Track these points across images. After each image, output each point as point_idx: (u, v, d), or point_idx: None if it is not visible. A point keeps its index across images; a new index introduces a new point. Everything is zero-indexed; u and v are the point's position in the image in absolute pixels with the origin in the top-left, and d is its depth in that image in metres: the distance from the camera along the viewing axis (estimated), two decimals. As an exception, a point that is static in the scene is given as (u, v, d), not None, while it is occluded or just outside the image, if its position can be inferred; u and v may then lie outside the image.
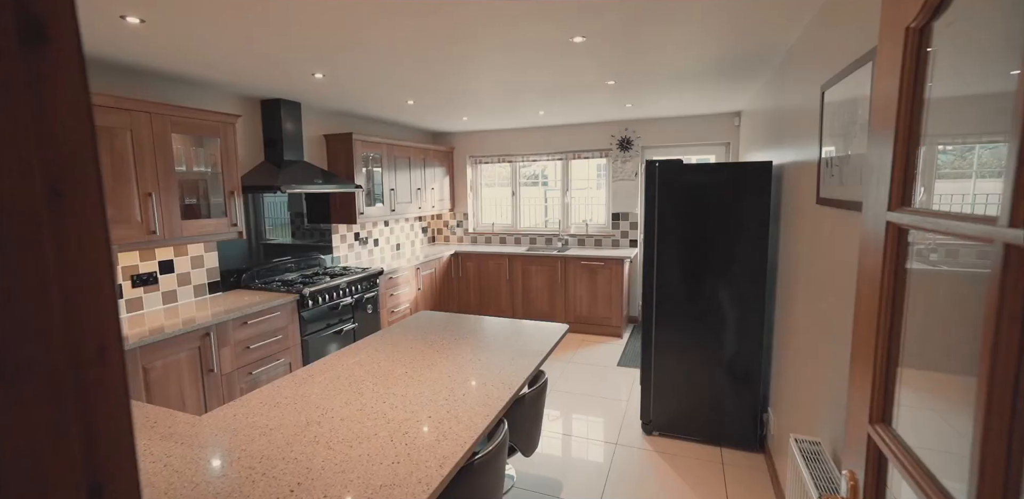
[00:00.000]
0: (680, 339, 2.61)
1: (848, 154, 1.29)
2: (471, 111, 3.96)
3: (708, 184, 2.45)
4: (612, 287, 4.40)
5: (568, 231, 5.15)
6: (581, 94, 3.31)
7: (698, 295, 2.54)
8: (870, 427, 0.70)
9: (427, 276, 4.47)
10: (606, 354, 4.03)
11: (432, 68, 2.55)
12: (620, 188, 4.83)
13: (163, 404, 2.23)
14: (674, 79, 2.91)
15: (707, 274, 2.51)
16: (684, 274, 2.56)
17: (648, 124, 4.64)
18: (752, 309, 2.43)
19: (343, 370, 1.71)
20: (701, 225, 2.49)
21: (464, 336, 2.09)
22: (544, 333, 2.12)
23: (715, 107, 4.00)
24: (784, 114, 2.27)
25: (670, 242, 2.57)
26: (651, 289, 2.65)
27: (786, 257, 2.16)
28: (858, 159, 1.22)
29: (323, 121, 3.87)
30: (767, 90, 2.83)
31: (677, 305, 2.60)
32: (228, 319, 2.53)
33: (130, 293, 2.58)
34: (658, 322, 2.64)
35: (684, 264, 2.55)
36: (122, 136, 2.25)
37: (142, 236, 2.35)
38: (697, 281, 2.54)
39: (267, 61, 2.36)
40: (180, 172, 2.62)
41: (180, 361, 2.30)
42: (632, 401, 3.14)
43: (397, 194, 4.36)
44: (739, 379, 2.49)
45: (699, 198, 2.48)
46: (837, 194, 1.39)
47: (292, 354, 2.95)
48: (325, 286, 3.18)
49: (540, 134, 5.05)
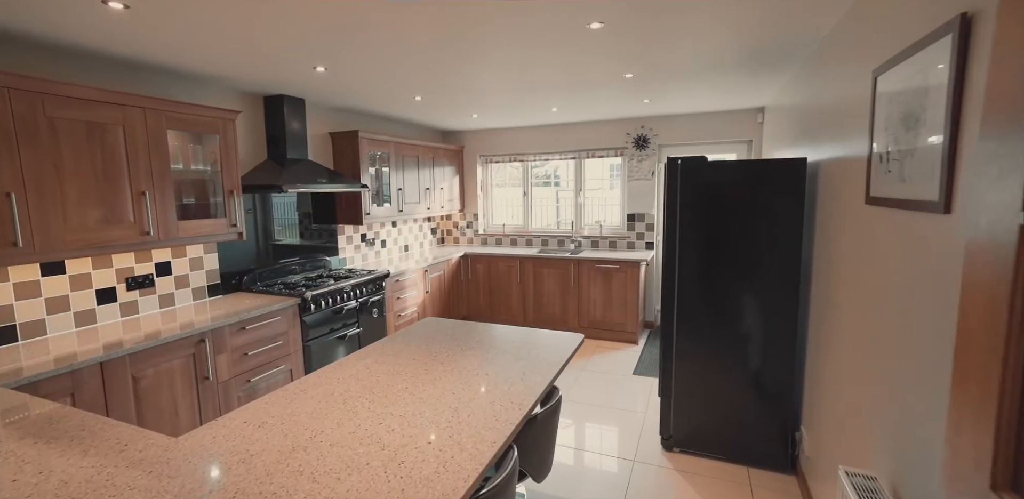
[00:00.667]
0: (702, 348, 2.43)
1: (914, 147, 1.11)
2: (481, 108, 3.82)
3: (734, 182, 2.27)
4: (627, 291, 4.22)
5: (581, 233, 4.98)
6: (597, 88, 3.15)
7: (722, 301, 2.36)
8: (994, 495, 0.53)
9: (435, 278, 4.33)
10: (621, 361, 3.85)
11: (439, 61, 2.41)
12: (636, 188, 4.65)
13: (155, 415, 2.11)
14: (696, 71, 2.73)
15: (733, 279, 2.33)
16: (707, 278, 2.38)
17: (666, 121, 4.46)
18: (782, 318, 2.24)
19: (338, 384, 1.57)
20: (726, 226, 2.31)
21: (471, 346, 1.94)
22: (558, 344, 1.96)
23: (737, 103, 3.81)
24: (821, 107, 2.08)
25: (692, 244, 2.39)
26: (671, 294, 2.47)
27: (823, 262, 1.97)
28: (930, 152, 1.04)
29: (329, 119, 3.76)
30: (796, 83, 2.64)
31: (699, 312, 2.42)
32: (225, 324, 2.41)
33: (125, 296, 2.47)
34: (679, 329, 2.47)
35: (707, 268, 2.38)
36: (114, 132, 2.14)
37: (135, 237, 2.24)
38: (721, 286, 2.36)
39: (265, 53, 2.24)
40: (177, 170, 2.52)
41: (173, 369, 2.19)
42: (650, 413, 2.96)
43: (405, 194, 4.23)
44: (768, 393, 2.31)
45: (724, 198, 2.30)
46: (896, 193, 1.21)
47: (293, 361, 2.83)
48: (328, 289, 3.06)
49: (553, 132, 4.89)
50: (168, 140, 2.41)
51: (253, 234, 3.25)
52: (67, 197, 1.99)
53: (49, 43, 2.05)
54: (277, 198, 3.41)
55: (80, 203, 2.03)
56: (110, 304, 2.41)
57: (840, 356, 1.71)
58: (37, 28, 1.86)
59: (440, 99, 3.43)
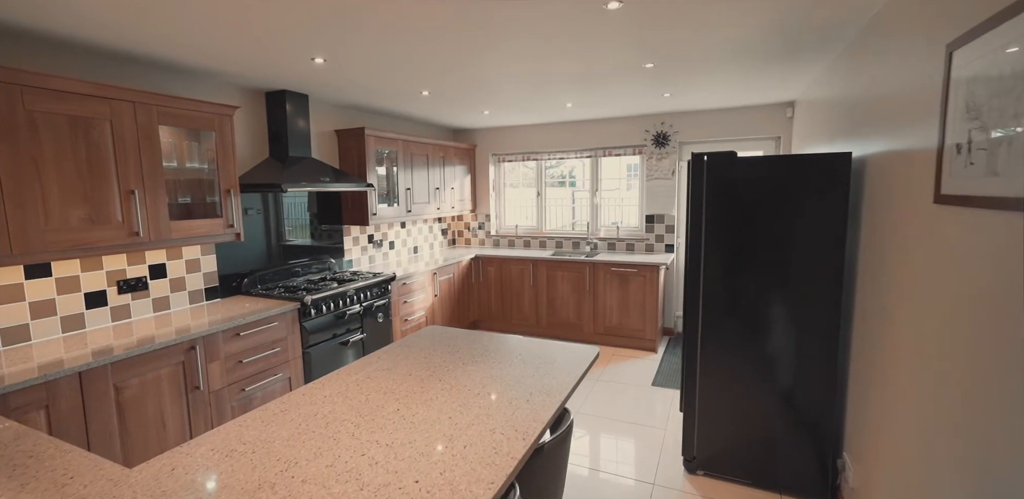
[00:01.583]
0: (730, 361, 2.21)
1: (1016, 131, 0.89)
2: (492, 104, 3.65)
3: (767, 180, 2.05)
4: (646, 296, 4.00)
5: (597, 234, 4.77)
6: (614, 81, 2.95)
7: (753, 311, 2.14)
8: None
9: (445, 281, 4.18)
10: (639, 371, 3.63)
11: (446, 51, 2.24)
12: (655, 188, 4.42)
13: (139, 428, 1.98)
14: (722, 60, 2.51)
15: (764, 287, 2.11)
16: (736, 286, 2.17)
17: (687, 117, 4.23)
18: (820, 331, 2.01)
19: (323, 404, 1.40)
20: (757, 229, 2.09)
21: (475, 360, 1.76)
22: (570, 358, 1.77)
23: (764, 97, 3.56)
24: (869, 95, 1.85)
25: (719, 248, 2.18)
26: (695, 301, 2.26)
27: (872, 271, 1.75)
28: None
29: (334, 116, 3.63)
30: (835, 71, 2.40)
31: (726, 321, 2.20)
32: (218, 330, 2.28)
33: (116, 300, 2.36)
34: (704, 340, 2.25)
35: (736, 274, 2.16)
36: (100, 127, 2.02)
37: (123, 238, 2.12)
38: (752, 294, 2.14)
39: (261, 44, 2.10)
40: (171, 168, 2.40)
41: (160, 378, 2.06)
42: (671, 430, 2.74)
43: (414, 194, 4.09)
44: (804, 414, 2.08)
45: (756, 197, 2.08)
46: (984, 189, 1.00)
47: (292, 368, 2.69)
48: (330, 293, 2.92)
49: (568, 129, 4.70)
50: (161, 136, 2.30)
51: (263, 235, 3.15)
52: (48, 195, 1.87)
53: (33, 33, 1.94)
54: (288, 198, 3.32)
55: (62, 202, 1.92)
56: (100, 308, 2.30)
57: (895, 379, 1.49)
58: (20, 16, 1.74)
59: (449, 94, 3.27)
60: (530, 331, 4.53)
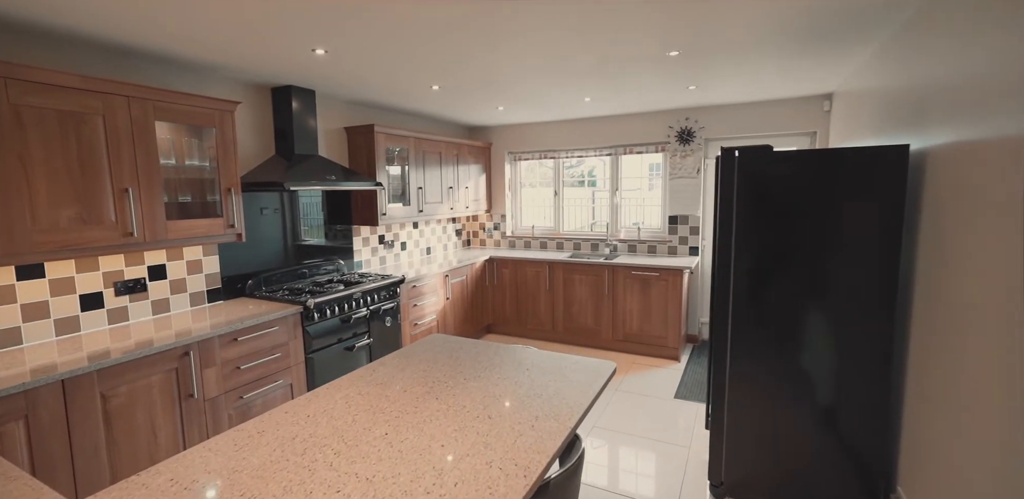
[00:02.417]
0: (763, 375, 2.00)
1: None
2: (506, 99, 3.49)
3: (808, 176, 1.84)
4: (668, 301, 3.78)
5: (617, 236, 4.56)
6: (636, 72, 2.75)
7: (789, 320, 1.93)
8: None
9: (457, 284, 4.03)
10: (661, 381, 3.42)
11: (454, 42, 2.09)
12: (678, 187, 4.19)
13: (128, 438, 1.89)
14: (755, 47, 2.29)
15: (803, 293, 1.89)
16: (771, 292, 1.95)
17: (714, 112, 3.98)
18: (870, 348, 1.78)
19: (305, 424, 1.26)
20: (797, 230, 1.87)
21: (478, 375, 1.60)
22: (583, 374, 1.60)
23: (799, 89, 3.31)
24: (935, 79, 1.62)
25: (752, 251, 1.97)
26: (724, 308, 2.05)
27: (940, 281, 1.52)
28: None
29: (343, 113, 3.52)
30: (888, 56, 2.16)
31: (760, 330, 1.99)
32: (213, 335, 2.17)
33: (113, 302, 2.29)
34: (734, 351, 2.04)
35: (771, 279, 1.95)
36: (92, 122, 1.94)
37: (116, 239, 2.03)
38: (788, 302, 1.92)
39: (256, 33, 1.98)
40: (169, 166, 2.31)
41: (151, 385, 1.96)
42: (696, 449, 2.53)
43: (426, 193, 3.96)
44: (850, 438, 1.85)
45: (794, 195, 1.87)
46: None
47: (294, 374, 2.58)
48: (335, 296, 2.80)
49: (586, 126, 4.50)
50: (158, 133, 2.21)
51: (280, 234, 3.08)
52: (36, 194, 1.79)
53: (24, 24, 1.86)
54: (305, 198, 3.26)
55: (51, 201, 1.83)
56: (96, 310, 2.23)
57: (968, 404, 1.26)
58: (9, 6, 1.66)
59: (460, 88, 3.12)
60: (546, 337, 4.35)
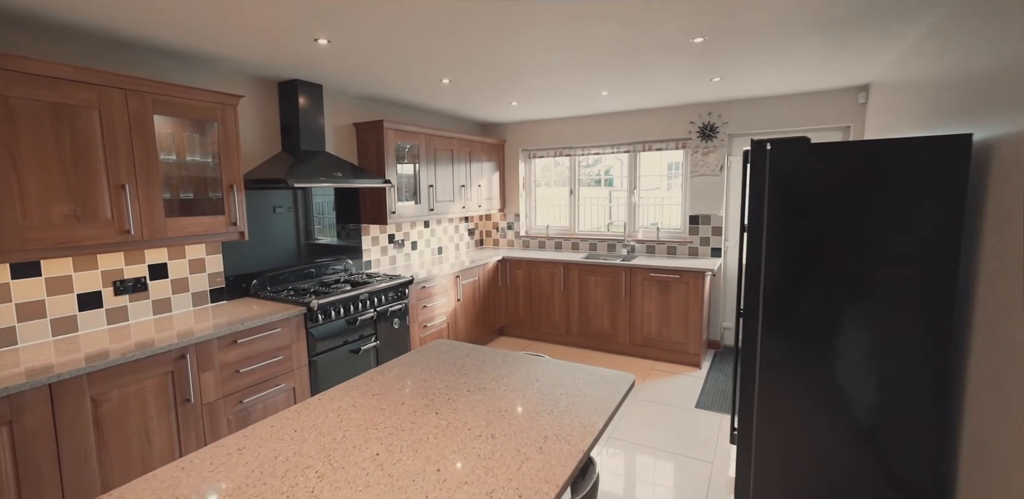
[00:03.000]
0: (796, 387, 1.82)
1: None
2: (520, 93, 3.35)
3: (851, 170, 1.66)
4: (689, 305, 3.60)
5: (635, 236, 4.38)
6: (657, 62, 2.59)
7: (826, 328, 1.75)
8: None
9: (469, 285, 3.91)
10: (681, 389, 3.24)
11: (464, 29, 1.96)
12: (700, 185, 4.00)
13: (121, 445, 1.81)
14: (786, 33, 2.12)
15: (844, 300, 1.71)
16: (805, 297, 1.78)
17: (739, 106, 3.79)
18: (923, 359, 1.60)
19: (291, 441, 1.15)
20: (836, 230, 1.70)
21: (482, 386, 1.47)
22: (599, 388, 1.45)
23: (832, 80, 3.10)
24: (1002, 61, 1.44)
25: (785, 253, 1.80)
26: (753, 315, 1.89)
27: (1008, 285, 1.33)
28: None
29: (352, 108, 3.43)
30: (941, 39, 1.96)
31: (793, 340, 1.82)
32: (211, 338, 2.09)
33: (112, 302, 2.22)
34: (764, 361, 1.87)
35: (806, 284, 1.77)
36: (87, 116, 1.87)
37: (112, 236, 1.96)
38: (826, 309, 1.75)
39: (255, 21, 1.89)
40: (169, 162, 2.24)
41: (145, 389, 1.88)
42: (720, 464, 2.36)
43: (437, 191, 3.85)
44: (894, 459, 1.67)
45: (835, 191, 1.69)
46: None
47: (297, 378, 2.49)
48: (340, 297, 2.70)
49: (603, 122, 4.34)
50: (158, 128, 2.14)
51: (292, 233, 3.02)
52: (26, 190, 1.72)
53: (20, 15, 1.80)
54: (318, 197, 3.21)
55: (43, 197, 1.76)
56: (94, 310, 2.16)
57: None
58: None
59: (472, 82, 3.00)
60: (560, 340, 4.20)
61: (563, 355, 3.93)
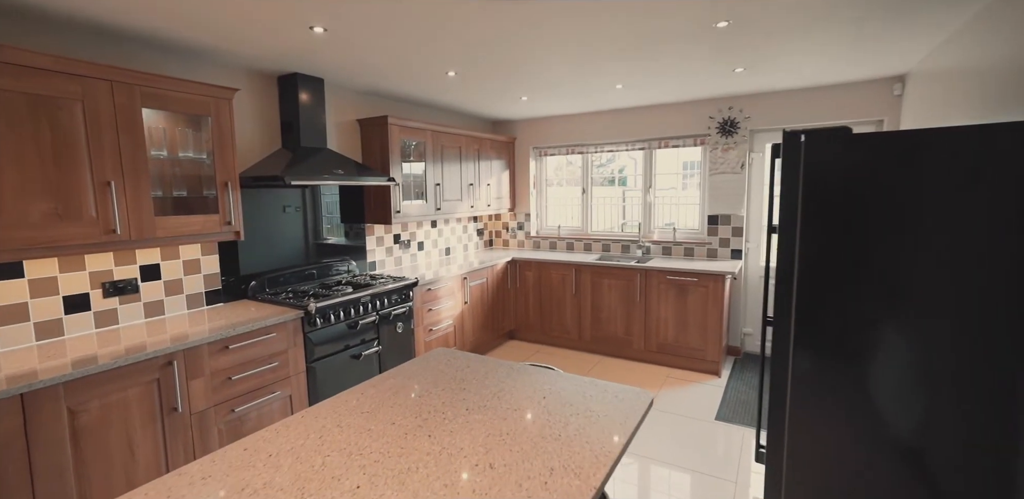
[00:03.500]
0: (834, 402, 1.64)
1: None
2: (530, 87, 3.20)
3: (902, 163, 1.48)
4: (708, 310, 3.41)
5: (650, 237, 4.20)
6: (676, 51, 2.42)
7: (870, 339, 1.57)
8: None
9: (477, 287, 3.77)
10: (699, 399, 3.06)
11: (468, 13, 1.82)
12: (719, 184, 3.81)
13: (101, 459, 1.70)
14: (817, 17, 1.93)
15: (890, 309, 1.53)
16: (845, 305, 1.60)
17: (761, 100, 3.59)
18: (989, 376, 1.41)
19: (263, 468, 1.02)
20: (882, 231, 1.52)
21: (483, 404, 1.32)
22: (613, 406, 1.30)
23: (864, 70, 2.89)
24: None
25: (822, 257, 1.62)
26: (785, 323, 1.71)
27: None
28: None
29: (356, 104, 3.32)
30: (996, 20, 1.77)
31: (830, 350, 1.64)
32: (201, 343, 1.98)
33: (100, 304, 2.12)
34: (797, 374, 1.70)
35: (846, 290, 1.59)
36: (70, 108, 1.76)
37: (97, 236, 1.86)
38: (868, 318, 1.57)
39: (246, 5, 1.77)
40: (160, 158, 2.14)
41: (127, 399, 1.77)
42: (743, 484, 2.18)
43: (444, 190, 3.71)
44: (948, 489, 1.48)
45: (881, 187, 1.51)
46: None
47: (294, 385, 2.37)
48: (340, 300, 2.58)
49: (617, 118, 4.17)
50: (148, 122, 2.05)
51: (293, 233, 2.93)
52: (2, 186, 1.62)
53: (9, 5, 1.70)
54: (327, 196, 3.14)
55: (20, 194, 1.66)
56: (82, 313, 2.07)
57: None
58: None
59: (479, 75, 2.85)
60: (571, 345, 4.04)
61: (575, 360, 3.77)
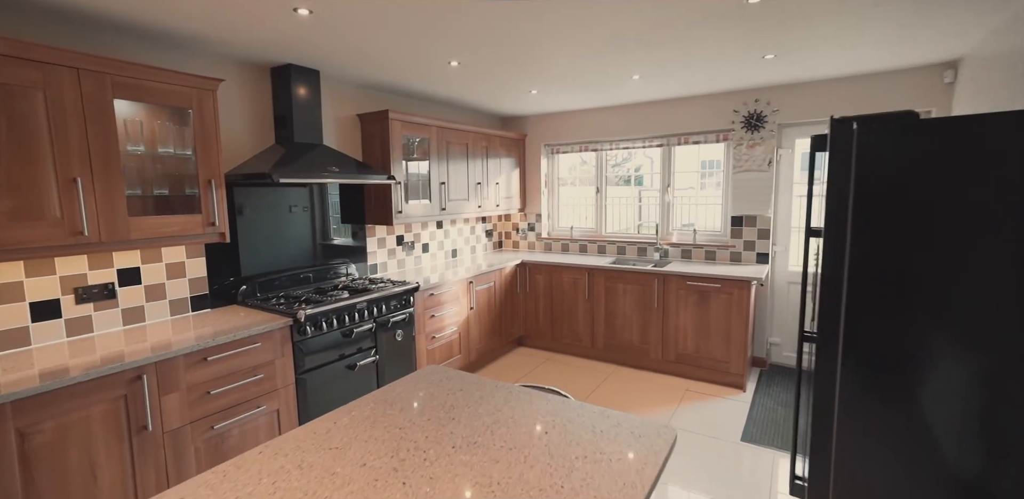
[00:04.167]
0: (891, 431, 1.40)
1: None
2: (540, 79, 2.99)
3: (983, 156, 1.23)
4: (732, 318, 3.15)
5: (668, 239, 3.95)
6: (701, 36, 2.18)
7: (936, 360, 1.33)
8: None
9: (483, 291, 3.57)
10: (723, 417, 2.81)
11: None
12: (744, 182, 3.54)
13: (58, 485, 1.54)
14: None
15: (962, 330, 1.28)
16: (908, 320, 1.36)
17: (792, 91, 3.32)
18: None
19: (194, 527, 0.82)
20: (959, 236, 1.27)
21: (474, 440, 1.12)
22: (628, 445, 1.08)
23: (911, 55, 2.61)
24: None
25: (877, 264, 1.38)
26: (831, 338, 1.47)
27: None
28: None
29: (356, 98, 3.14)
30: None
31: (888, 372, 1.40)
32: (176, 355, 1.81)
33: (73, 311, 1.97)
34: (846, 396, 1.46)
35: (909, 303, 1.35)
36: (29, 97, 1.61)
37: (62, 237, 1.70)
38: (935, 335, 1.32)
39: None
40: (136, 153, 1.98)
41: (89, 418, 1.61)
42: (774, 521, 1.94)
43: (450, 189, 3.52)
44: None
45: (959, 183, 1.26)
46: None
47: (281, 399, 2.20)
48: (333, 307, 2.40)
49: (634, 113, 3.93)
50: (125, 115, 1.90)
51: (297, 234, 2.82)
52: (-49, 183, 1.47)
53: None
54: (334, 196, 3.02)
55: (-28, 191, 1.51)
56: (51, 321, 1.92)
57: None
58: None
59: (484, 65, 2.65)
60: (584, 353, 3.81)
61: (586, 370, 3.54)
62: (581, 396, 3.11)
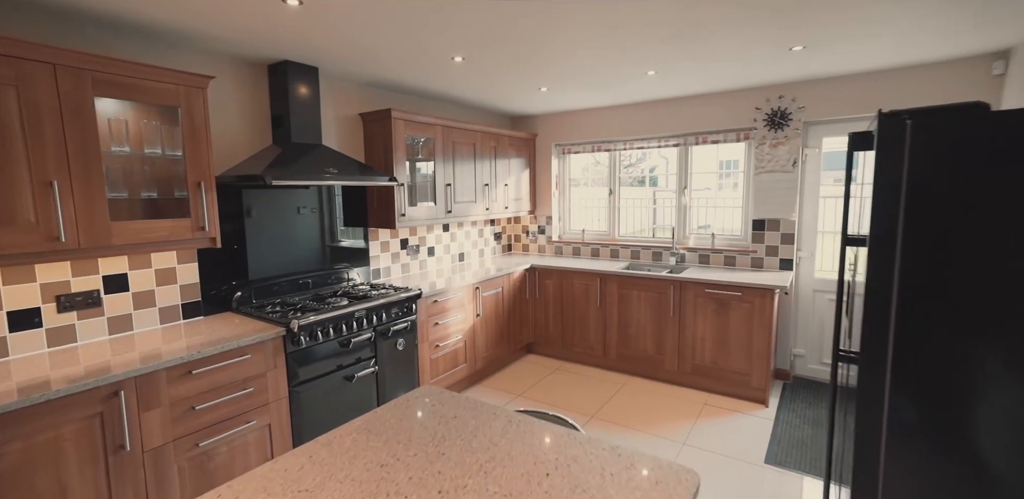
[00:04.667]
0: (954, 459, 1.22)
1: None
2: (550, 75, 2.84)
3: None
4: (754, 328, 2.96)
5: (685, 243, 3.76)
6: (723, 25, 2.01)
7: (1008, 387, 1.14)
8: None
9: (491, 297, 3.43)
10: (744, 435, 2.62)
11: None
12: (767, 184, 3.34)
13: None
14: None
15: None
16: (970, 340, 1.17)
17: (819, 86, 3.11)
18: None
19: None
20: (1026, 249, 1.09)
21: (463, 484, 0.97)
22: (645, 492, 0.92)
23: (954, 46, 2.40)
24: None
25: (934, 277, 1.20)
26: (878, 358, 1.30)
27: None
28: None
29: (358, 96, 3.03)
30: None
31: (948, 397, 1.22)
32: (156, 369, 1.70)
33: (55, 320, 1.88)
34: (896, 418, 1.28)
35: (966, 321, 1.17)
36: (1, 95, 1.51)
37: (37, 244, 1.60)
38: (1003, 358, 1.14)
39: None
40: (120, 154, 1.88)
41: (60, 438, 1.50)
42: (805, 559, 1.75)
43: (456, 191, 3.39)
44: None
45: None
46: None
47: (273, 413, 2.08)
48: (330, 315, 2.28)
49: (648, 111, 3.75)
50: (110, 114, 1.80)
51: (318, 235, 2.79)
52: (-87, 186, 1.38)
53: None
54: (340, 199, 2.95)
55: (-63, 195, 1.42)
56: (31, 331, 1.83)
57: None
58: None
59: (490, 60, 2.51)
60: (596, 362, 3.64)
61: (598, 380, 3.37)
62: (592, 409, 2.94)
